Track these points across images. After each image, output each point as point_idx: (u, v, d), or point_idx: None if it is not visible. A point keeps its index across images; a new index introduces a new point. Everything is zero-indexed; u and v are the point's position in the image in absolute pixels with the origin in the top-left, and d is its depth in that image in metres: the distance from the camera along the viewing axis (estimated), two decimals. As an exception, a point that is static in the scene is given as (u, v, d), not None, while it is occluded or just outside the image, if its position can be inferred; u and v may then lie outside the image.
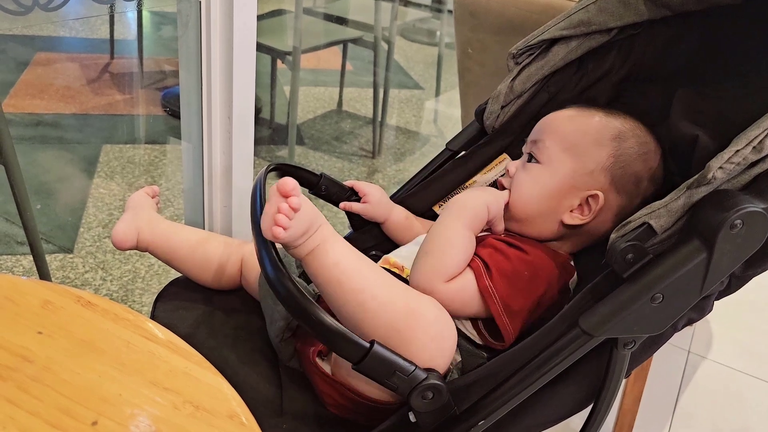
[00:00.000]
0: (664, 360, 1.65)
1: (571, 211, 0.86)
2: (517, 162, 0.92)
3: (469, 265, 0.80)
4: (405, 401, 0.68)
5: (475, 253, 0.81)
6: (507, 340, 0.78)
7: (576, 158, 0.86)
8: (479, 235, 0.86)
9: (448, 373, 0.75)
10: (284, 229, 0.66)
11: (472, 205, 0.84)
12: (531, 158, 0.90)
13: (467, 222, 0.81)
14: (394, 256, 0.90)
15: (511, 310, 0.77)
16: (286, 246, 0.70)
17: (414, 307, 0.71)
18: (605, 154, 0.85)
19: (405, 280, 0.84)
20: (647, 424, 1.44)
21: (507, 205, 0.88)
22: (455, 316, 0.80)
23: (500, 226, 0.88)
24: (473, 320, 0.81)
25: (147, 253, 0.96)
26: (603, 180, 0.85)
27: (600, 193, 0.84)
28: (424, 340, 0.70)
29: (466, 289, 0.78)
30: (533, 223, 0.88)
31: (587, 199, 0.85)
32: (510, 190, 0.89)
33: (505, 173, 0.92)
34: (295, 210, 0.66)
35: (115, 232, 0.92)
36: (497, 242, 0.83)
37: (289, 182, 0.67)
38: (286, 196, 0.66)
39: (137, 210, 0.96)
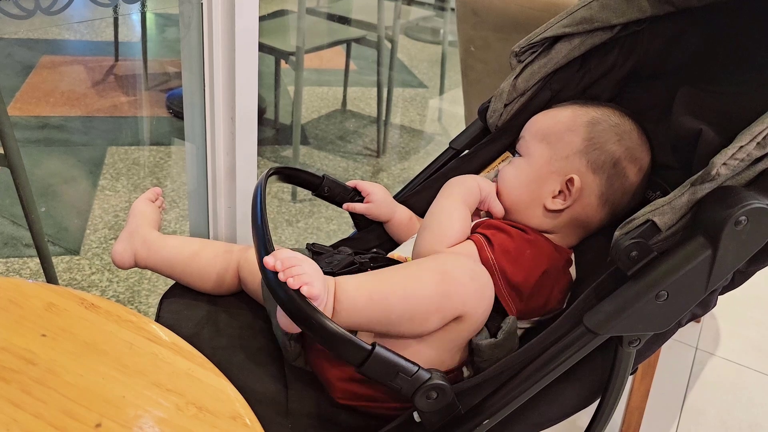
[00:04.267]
0: (672, 357, 1.64)
1: (554, 197, 0.89)
2: (506, 162, 0.97)
3: (470, 239, 0.82)
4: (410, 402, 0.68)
5: (479, 232, 0.84)
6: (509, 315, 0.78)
7: (551, 146, 0.90)
8: (480, 219, 0.89)
9: (461, 373, 0.76)
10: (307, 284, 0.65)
11: (463, 181, 0.89)
12: (515, 155, 0.95)
13: (461, 197, 0.86)
14: (399, 251, 0.92)
15: (511, 284, 0.79)
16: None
17: (444, 267, 0.73)
18: (579, 139, 0.89)
19: None
20: (655, 422, 1.44)
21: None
22: None
23: (497, 207, 0.90)
24: None
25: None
26: (579, 163, 0.88)
27: (575, 176, 0.87)
28: (467, 283, 0.72)
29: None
30: (519, 212, 0.90)
31: (566, 183, 0.88)
32: (497, 183, 0.93)
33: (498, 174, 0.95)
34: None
35: (113, 253, 0.95)
36: (499, 223, 0.86)
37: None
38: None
39: (135, 228, 0.96)
